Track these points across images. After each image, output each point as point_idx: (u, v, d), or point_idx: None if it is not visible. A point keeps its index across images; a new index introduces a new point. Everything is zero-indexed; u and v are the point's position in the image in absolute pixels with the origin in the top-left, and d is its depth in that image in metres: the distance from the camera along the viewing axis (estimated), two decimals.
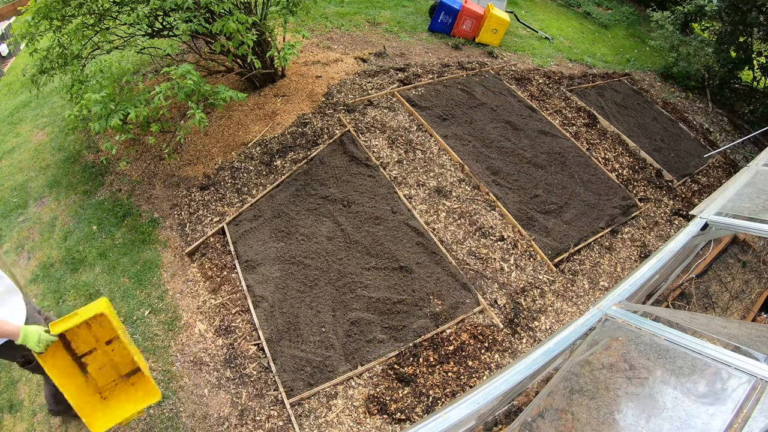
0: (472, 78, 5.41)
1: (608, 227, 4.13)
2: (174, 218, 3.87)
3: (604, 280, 3.76)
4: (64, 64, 4.01)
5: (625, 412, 1.77)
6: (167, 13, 3.93)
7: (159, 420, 2.76)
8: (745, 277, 3.99)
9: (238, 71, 4.67)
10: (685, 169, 5.06)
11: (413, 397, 2.85)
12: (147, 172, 4.29)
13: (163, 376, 2.95)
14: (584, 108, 5.44)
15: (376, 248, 3.55)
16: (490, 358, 3.09)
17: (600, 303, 2.09)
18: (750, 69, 6.51)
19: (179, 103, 3.64)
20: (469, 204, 4.02)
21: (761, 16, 5.81)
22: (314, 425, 2.72)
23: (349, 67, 5.33)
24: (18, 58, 7.28)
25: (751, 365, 1.61)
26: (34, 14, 3.78)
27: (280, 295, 3.26)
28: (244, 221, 3.73)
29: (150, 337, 3.15)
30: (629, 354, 1.90)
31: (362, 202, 3.86)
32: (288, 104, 4.75)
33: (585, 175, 4.54)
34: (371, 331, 3.11)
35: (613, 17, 8.37)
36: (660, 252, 2.44)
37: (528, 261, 3.72)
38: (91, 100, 3.33)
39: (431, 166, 4.27)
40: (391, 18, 6.60)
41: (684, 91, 6.58)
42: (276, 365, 2.92)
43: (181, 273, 3.51)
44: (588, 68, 6.45)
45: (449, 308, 3.29)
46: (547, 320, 3.41)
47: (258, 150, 4.28)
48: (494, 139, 4.66)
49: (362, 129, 4.46)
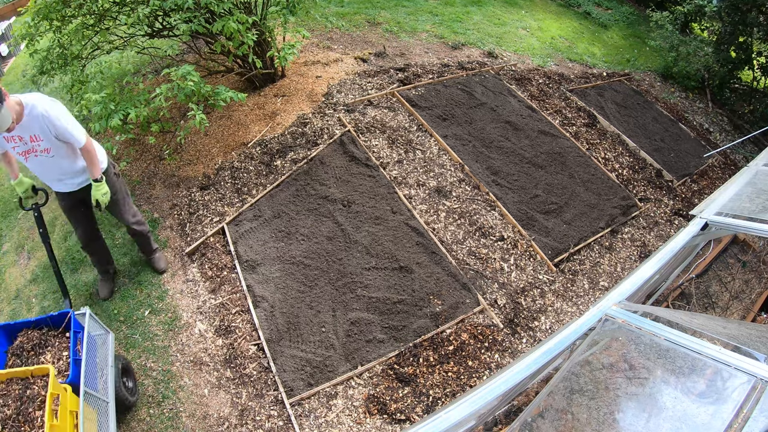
0: (472, 78, 5.41)
1: (608, 227, 4.13)
2: (174, 218, 3.88)
3: (604, 280, 3.76)
4: (64, 64, 4.01)
5: (625, 412, 1.77)
6: (167, 13, 3.93)
7: (159, 420, 2.76)
8: (745, 277, 3.99)
9: (238, 71, 4.67)
10: (685, 169, 5.06)
11: (413, 397, 2.85)
12: (147, 172, 4.29)
13: (163, 376, 2.95)
14: (584, 108, 5.44)
15: (376, 248, 3.55)
16: (490, 358, 3.09)
17: (600, 303, 2.09)
18: (750, 69, 6.50)
19: (179, 103, 3.64)
20: (469, 204, 4.02)
21: (761, 16, 5.81)
22: (314, 425, 2.72)
23: (349, 67, 5.33)
24: (18, 58, 7.28)
25: (751, 365, 1.61)
26: (33, 15, 3.78)
27: (280, 295, 3.26)
28: (244, 221, 3.73)
29: (150, 337, 3.15)
30: (629, 354, 1.90)
31: (362, 202, 3.86)
32: (288, 104, 4.75)
33: (585, 175, 4.54)
34: (371, 331, 3.11)
35: (612, 17, 8.37)
36: (660, 252, 2.44)
37: (528, 261, 3.73)
38: (91, 100, 3.33)
39: (431, 166, 4.28)
40: (391, 18, 6.60)
41: (684, 91, 6.58)
42: (276, 365, 2.92)
43: (181, 273, 3.51)
44: (588, 68, 6.45)
45: (449, 308, 3.29)
46: (547, 320, 3.41)
47: (258, 150, 4.29)
48: (494, 139, 4.66)
49: (362, 129, 4.47)
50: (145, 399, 2.84)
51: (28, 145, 2.55)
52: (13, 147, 2.55)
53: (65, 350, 2.44)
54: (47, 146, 2.57)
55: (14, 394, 2.07)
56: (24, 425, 1.99)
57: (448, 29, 6.50)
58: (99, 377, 2.48)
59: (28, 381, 2.13)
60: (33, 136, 2.51)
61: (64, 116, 2.53)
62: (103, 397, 2.44)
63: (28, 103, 2.42)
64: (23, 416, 2.01)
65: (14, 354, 2.39)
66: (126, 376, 2.78)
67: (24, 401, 2.05)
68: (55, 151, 2.61)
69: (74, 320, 2.47)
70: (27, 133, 2.49)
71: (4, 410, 2.02)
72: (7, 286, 3.65)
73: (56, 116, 2.48)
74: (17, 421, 1.99)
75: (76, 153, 2.73)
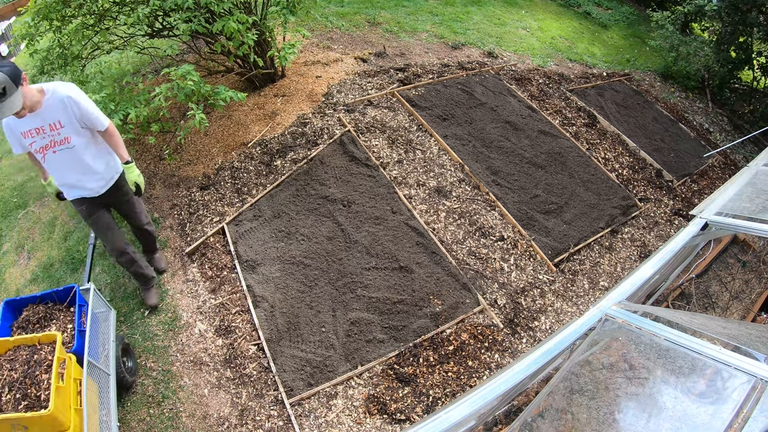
0: (472, 78, 5.41)
1: (608, 227, 4.13)
2: (174, 218, 3.88)
3: (604, 280, 3.76)
4: (64, 64, 4.02)
5: (625, 412, 1.77)
6: (167, 13, 3.93)
7: (159, 420, 2.76)
8: (745, 277, 3.99)
9: (238, 71, 4.67)
10: (685, 169, 5.06)
11: (413, 397, 2.85)
12: (147, 172, 4.29)
13: (163, 376, 2.95)
14: (584, 108, 5.44)
15: (376, 248, 3.55)
16: (490, 358, 3.09)
17: (600, 303, 2.10)
18: (750, 69, 6.51)
19: (179, 103, 3.64)
20: (469, 204, 4.02)
21: (761, 16, 5.81)
22: (314, 425, 2.72)
23: (349, 67, 5.33)
24: (18, 58, 7.28)
25: (751, 365, 1.61)
26: (33, 15, 3.78)
27: (280, 295, 3.26)
28: (244, 221, 3.73)
29: (150, 337, 3.15)
30: (629, 354, 1.90)
31: (362, 202, 3.86)
32: (288, 104, 4.75)
33: (585, 175, 4.54)
34: (371, 331, 3.11)
35: (612, 17, 8.37)
36: (660, 252, 2.44)
37: (528, 261, 3.73)
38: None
39: (431, 166, 4.28)
40: (391, 18, 6.60)
41: (684, 91, 6.58)
42: (276, 365, 2.92)
43: (181, 273, 3.51)
44: (588, 68, 6.45)
45: (449, 308, 3.29)
46: (547, 320, 3.41)
47: (258, 150, 4.29)
48: (494, 139, 4.66)
49: (362, 129, 4.47)
50: (145, 399, 2.84)
51: (47, 138, 2.47)
52: (30, 143, 2.48)
53: (70, 323, 2.52)
54: (68, 134, 2.49)
55: (22, 359, 2.16)
56: (31, 387, 2.07)
57: (448, 29, 6.50)
58: (101, 351, 2.57)
59: (35, 347, 2.22)
60: (53, 124, 2.44)
61: (86, 98, 2.51)
62: (105, 369, 2.53)
63: (48, 89, 2.40)
64: (30, 379, 2.09)
65: (20, 327, 2.48)
66: (126, 355, 2.86)
67: (31, 365, 2.14)
68: (76, 140, 2.54)
69: (79, 295, 2.56)
70: (47, 121, 2.43)
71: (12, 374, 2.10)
72: (7, 286, 3.65)
73: (79, 97, 2.46)
74: (24, 384, 2.07)
75: (98, 145, 2.68)
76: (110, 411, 2.44)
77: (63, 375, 2.12)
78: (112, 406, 2.48)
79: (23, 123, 2.41)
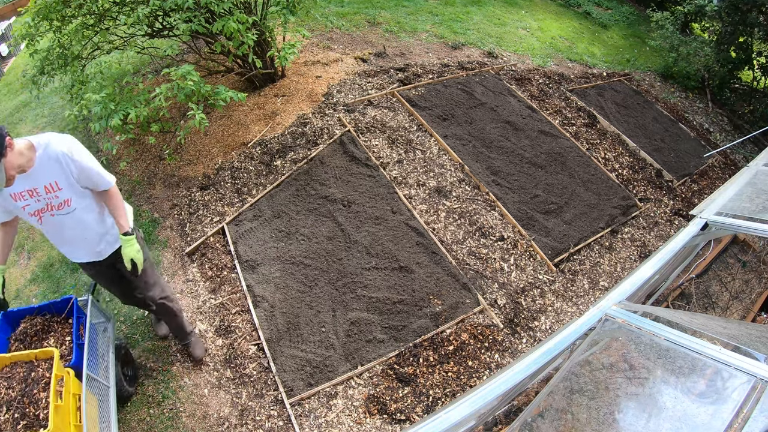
0: (472, 78, 5.41)
1: (608, 227, 4.13)
2: (174, 218, 3.88)
3: (604, 280, 3.76)
4: (65, 64, 4.02)
5: (625, 412, 1.77)
6: (167, 13, 3.93)
7: (159, 420, 2.76)
8: (745, 277, 3.99)
9: (238, 71, 4.67)
10: (685, 169, 5.06)
11: (413, 397, 2.85)
12: (147, 172, 4.29)
13: (163, 376, 2.95)
14: (584, 108, 5.44)
15: (376, 248, 3.55)
16: (490, 358, 3.09)
17: (600, 303, 2.10)
18: (750, 69, 6.51)
19: (179, 103, 3.64)
20: (469, 204, 4.02)
21: (761, 16, 5.81)
22: (314, 425, 2.72)
23: (349, 67, 5.33)
24: (18, 58, 7.29)
25: (751, 365, 1.61)
26: (33, 15, 3.78)
27: (280, 295, 3.26)
28: (244, 221, 3.73)
29: (150, 337, 3.15)
30: (629, 354, 1.90)
31: (362, 202, 3.86)
32: (288, 104, 4.75)
33: (585, 175, 4.54)
34: (371, 331, 3.11)
35: (612, 17, 8.37)
36: (660, 252, 2.44)
37: (528, 261, 3.73)
38: (91, 100, 3.33)
39: (431, 166, 4.28)
40: (391, 18, 6.60)
41: (684, 91, 6.58)
42: (276, 365, 2.92)
43: (181, 273, 3.51)
44: (588, 68, 6.45)
45: (449, 308, 3.29)
46: (547, 320, 3.41)
47: (258, 150, 4.29)
48: (494, 139, 4.66)
49: (362, 129, 4.47)
50: (145, 399, 2.84)
51: (43, 201, 2.09)
52: (23, 207, 2.08)
53: (68, 335, 2.49)
54: (67, 196, 2.12)
55: (19, 377, 2.11)
56: (29, 406, 2.02)
57: (448, 29, 6.50)
58: (100, 363, 2.53)
59: (32, 364, 2.17)
60: (49, 186, 2.06)
61: (85, 153, 2.13)
62: (105, 381, 2.49)
63: (40, 143, 2.03)
64: (28, 397, 2.05)
65: (17, 339, 2.43)
66: (126, 365, 2.83)
67: (29, 383, 2.09)
68: (77, 201, 2.16)
69: (76, 306, 2.51)
70: (41, 182, 2.05)
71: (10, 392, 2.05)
72: (7, 286, 3.64)
73: (76, 152, 2.08)
74: (22, 402, 2.03)
75: (102, 205, 2.31)
76: (110, 424, 2.40)
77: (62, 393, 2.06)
78: (112, 418, 2.43)
79: (14, 184, 2.01)
